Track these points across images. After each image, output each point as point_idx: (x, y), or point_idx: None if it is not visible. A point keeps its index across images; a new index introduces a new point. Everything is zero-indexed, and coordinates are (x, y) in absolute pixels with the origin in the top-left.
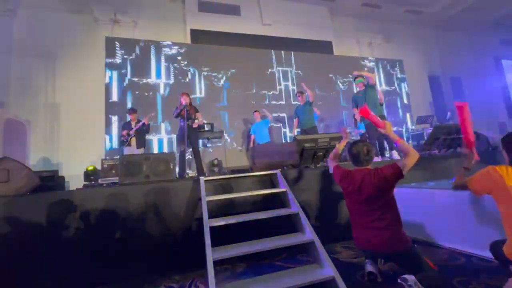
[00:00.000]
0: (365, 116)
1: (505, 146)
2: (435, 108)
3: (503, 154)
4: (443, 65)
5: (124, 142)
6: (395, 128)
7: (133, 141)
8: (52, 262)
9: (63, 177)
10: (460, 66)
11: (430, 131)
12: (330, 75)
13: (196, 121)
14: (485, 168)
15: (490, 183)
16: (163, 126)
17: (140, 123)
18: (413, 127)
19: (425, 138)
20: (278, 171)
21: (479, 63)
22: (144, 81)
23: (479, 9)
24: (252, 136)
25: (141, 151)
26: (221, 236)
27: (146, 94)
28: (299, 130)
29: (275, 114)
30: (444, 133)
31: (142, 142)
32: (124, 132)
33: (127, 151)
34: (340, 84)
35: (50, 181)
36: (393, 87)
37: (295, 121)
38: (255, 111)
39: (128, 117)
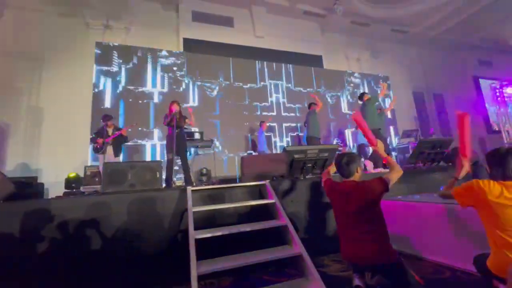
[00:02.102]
0: (359, 127)
1: (487, 161)
2: (420, 122)
3: (486, 169)
4: (427, 82)
5: (98, 149)
6: None
7: (110, 149)
8: (26, 275)
9: (42, 184)
10: (442, 84)
11: (415, 145)
12: (319, 90)
13: (187, 122)
14: (470, 181)
15: (472, 196)
16: (155, 132)
17: (117, 133)
18: (397, 141)
19: (410, 151)
20: (267, 182)
21: (459, 81)
22: (137, 89)
23: (459, 31)
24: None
25: (118, 159)
26: (207, 249)
27: (140, 101)
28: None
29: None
30: (428, 148)
31: (119, 150)
32: (100, 140)
33: (101, 159)
34: (328, 98)
35: (28, 188)
36: (378, 102)
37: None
38: (263, 121)
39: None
